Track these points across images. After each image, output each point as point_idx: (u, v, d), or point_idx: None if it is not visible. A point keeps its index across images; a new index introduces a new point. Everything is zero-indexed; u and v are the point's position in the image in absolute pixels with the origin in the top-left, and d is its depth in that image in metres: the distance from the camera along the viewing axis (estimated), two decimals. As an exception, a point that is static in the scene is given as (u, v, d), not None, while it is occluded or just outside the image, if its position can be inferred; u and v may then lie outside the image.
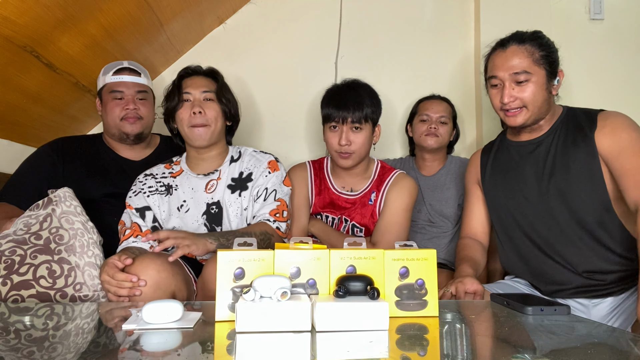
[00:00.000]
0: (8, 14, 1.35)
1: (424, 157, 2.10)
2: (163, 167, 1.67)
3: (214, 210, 1.57)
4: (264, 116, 2.36)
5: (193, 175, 1.60)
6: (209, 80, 1.60)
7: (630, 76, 2.33)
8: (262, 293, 0.85)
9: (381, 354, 0.76)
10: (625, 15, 2.34)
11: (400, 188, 1.72)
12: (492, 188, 1.55)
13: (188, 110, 1.54)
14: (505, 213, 1.51)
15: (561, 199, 1.39)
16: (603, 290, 1.40)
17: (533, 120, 1.42)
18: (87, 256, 1.30)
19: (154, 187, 1.60)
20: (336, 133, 1.65)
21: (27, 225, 1.31)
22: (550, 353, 0.75)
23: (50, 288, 1.23)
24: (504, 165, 1.53)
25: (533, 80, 1.37)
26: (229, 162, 1.63)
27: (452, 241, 2.02)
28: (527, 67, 1.37)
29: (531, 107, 1.39)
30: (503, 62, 1.40)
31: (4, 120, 1.77)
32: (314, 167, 1.82)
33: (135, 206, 1.56)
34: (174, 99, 1.56)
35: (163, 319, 0.89)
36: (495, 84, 1.42)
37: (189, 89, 1.57)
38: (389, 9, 2.41)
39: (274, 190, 1.59)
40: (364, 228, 1.74)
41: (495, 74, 1.41)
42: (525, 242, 1.47)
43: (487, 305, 1.13)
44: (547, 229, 1.42)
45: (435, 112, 2.04)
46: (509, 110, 1.41)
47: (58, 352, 0.76)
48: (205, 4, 2.11)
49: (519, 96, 1.38)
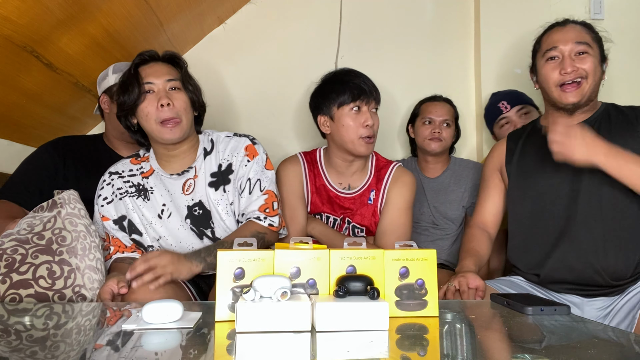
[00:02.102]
0: (8, 14, 1.35)
1: (427, 160, 2.09)
2: (129, 162, 1.52)
3: (197, 212, 1.45)
4: (264, 116, 2.36)
5: (166, 176, 1.47)
6: (170, 67, 1.44)
7: (631, 76, 2.33)
8: (262, 293, 0.85)
9: (381, 354, 0.76)
10: (625, 15, 2.34)
11: (402, 185, 1.67)
12: (519, 173, 1.52)
13: (154, 102, 1.37)
14: (530, 198, 1.47)
15: (598, 190, 1.37)
16: (600, 290, 1.39)
17: (587, 98, 1.41)
18: (89, 259, 1.29)
19: (123, 188, 1.47)
20: (359, 115, 1.59)
21: (31, 225, 1.31)
22: (550, 353, 0.75)
23: (49, 289, 1.22)
24: (536, 151, 1.49)
25: (592, 54, 1.40)
26: (202, 155, 1.49)
27: (455, 243, 2.02)
28: (588, 40, 1.41)
29: (591, 79, 1.39)
30: (564, 34, 1.42)
31: (4, 120, 1.77)
32: (307, 161, 1.72)
33: (112, 217, 1.45)
34: (133, 91, 1.37)
35: (163, 319, 0.89)
36: (553, 55, 1.42)
37: (150, 78, 1.39)
38: (389, 9, 2.41)
39: (258, 180, 1.46)
40: (364, 228, 1.69)
41: (556, 44, 1.42)
42: (541, 227, 1.44)
43: (487, 305, 1.13)
44: (573, 220, 1.39)
45: (438, 115, 2.03)
46: (566, 85, 1.39)
47: (57, 352, 0.76)
48: (205, 4, 2.11)
49: (580, 66, 1.39)
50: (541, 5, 2.29)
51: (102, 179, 1.51)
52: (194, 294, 1.40)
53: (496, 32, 2.30)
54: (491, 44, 2.31)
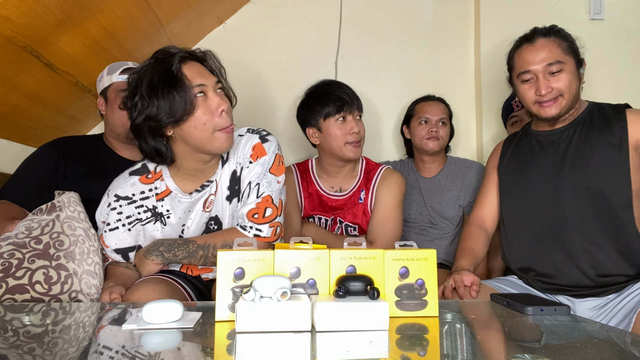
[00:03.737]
0: (8, 14, 1.35)
1: (424, 160, 2.10)
2: (138, 181, 1.34)
3: (213, 227, 1.38)
4: (264, 116, 2.36)
5: (185, 197, 1.32)
6: (208, 67, 1.30)
7: (631, 76, 2.33)
8: (262, 293, 0.85)
9: (381, 354, 0.76)
10: (625, 15, 2.34)
11: (390, 184, 1.75)
12: (507, 175, 1.56)
13: (212, 106, 1.19)
14: (516, 200, 1.52)
15: (579, 190, 1.39)
16: (588, 290, 1.39)
17: (567, 109, 1.43)
18: (87, 264, 1.28)
19: (133, 216, 1.33)
20: (345, 124, 1.69)
21: (29, 229, 1.29)
22: (550, 353, 0.75)
23: (45, 294, 1.21)
24: (523, 154, 1.55)
25: (566, 69, 1.41)
26: (221, 164, 1.36)
27: (453, 242, 2.02)
28: (559, 56, 1.41)
29: (567, 95, 1.41)
30: (534, 55, 1.42)
31: (4, 120, 1.77)
32: (299, 170, 1.84)
33: (114, 247, 1.36)
34: (181, 99, 1.16)
35: (163, 319, 0.89)
36: (527, 78, 1.44)
37: (199, 79, 1.19)
38: (389, 9, 2.41)
39: (257, 185, 1.32)
40: (357, 226, 1.75)
41: (528, 68, 1.43)
42: (531, 231, 1.47)
43: (487, 305, 1.13)
44: (558, 220, 1.42)
45: (434, 114, 2.03)
46: (544, 102, 1.42)
47: (57, 351, 0.76)
48: (205, 4, 2.11)
49: (554, 86, 1.40)
50: (541, 5, 2.29)
51: (106, 200, 1.36)
52: (191, 297, 1.39)
53: (496, 32, 2.30)
54: (491, 44, 2.31)
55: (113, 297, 1.22)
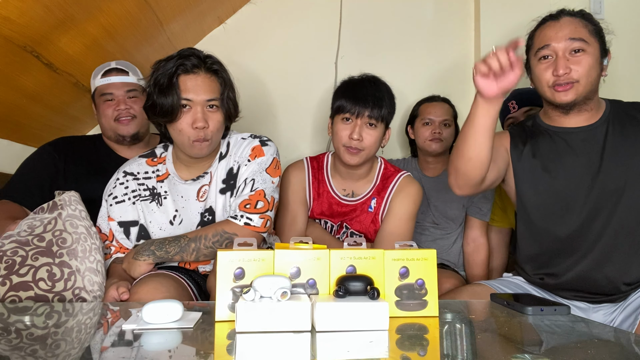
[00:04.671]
0: (8, 14, 1.35)
1: (428, 160, 2.09)
2: (145, 163, 1.49)
3: (207, 218, 1.44)
4: (264, 117, 2.36)
5: (181, 182, 1.45)
6: (212, 81, 1.37)
7: (631, 76, 2.33)
8: (262, 293, 0.85)
9: (381, 354, 0.76)
10: (626, 14, 2.34)
11: (406, 195, 1.63)
12: (533, 174, 1.41)
13: (189, 120, 1.34)
14: (546, 198, 1.39)
15: (612, 193, 1.31)
16: (608, 297, 1.37)
17: (583, 98, 1.32)
18: (89, 261, 1.29)
19: (137, 191, 1.44)
20: (348, 126, 1.56)
21: (31, 227, 1.31)
22: (550, 353, 0.75)
23: (48, 291, 1.22)
24: (548, 151, 1.40)
25: (589, 51, 1.30)
26: (218, 159, 1.46)
27: (455, 243, 2.02)
28: (584, 35, 1.30)
29: (584, 81, 1.30)
30: (557, 30, 1.31)
31: (4, 120, 1.77)
32: (313, 167, 1.72)
33: (118, 219, 1.43)
34: (169, 98, 1.32)
35: (163, 319, 0.89)
36: (546, 54, 1.33)
37: (189, 94, 1.33)
38: (389, 9, 2.40)
39: (252, 181, 1.40)
40: (362, 235, 1.68)
41: (548, 42, 1.32)
42: (554, 234, 1.38)
43: (487, 305, 1.13)
44: (585, 226, 1.34)
45: (438, 115, 2.02)
46: (560, 85, 1.30)
47: (57, 351, 0.76)
48: (205, 4, 2.11)
49: (573, 68, 1.29)
50: (541, 5, 2.28)
51: (115, 177, 1.49)
52: (195, 294, 1.40)
53: (496, 31, 2.30)
54: (491, 44, 2.30)
55: (121, 291, 1.24)
